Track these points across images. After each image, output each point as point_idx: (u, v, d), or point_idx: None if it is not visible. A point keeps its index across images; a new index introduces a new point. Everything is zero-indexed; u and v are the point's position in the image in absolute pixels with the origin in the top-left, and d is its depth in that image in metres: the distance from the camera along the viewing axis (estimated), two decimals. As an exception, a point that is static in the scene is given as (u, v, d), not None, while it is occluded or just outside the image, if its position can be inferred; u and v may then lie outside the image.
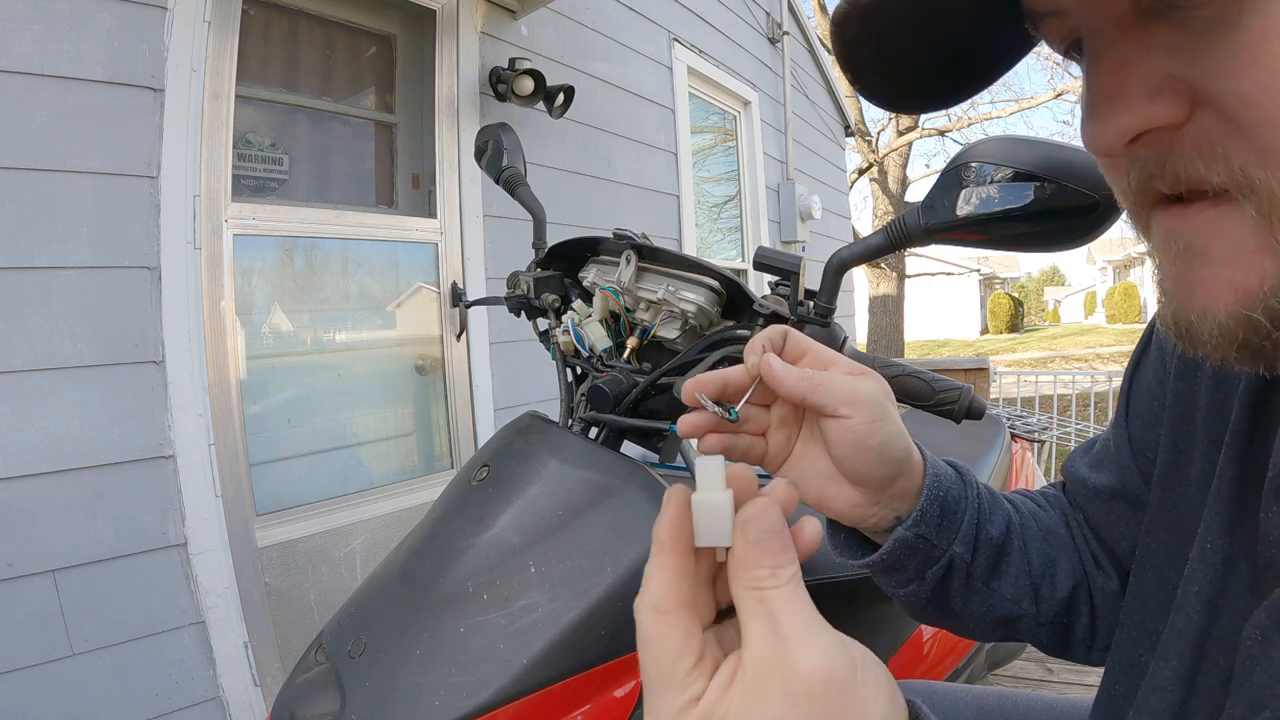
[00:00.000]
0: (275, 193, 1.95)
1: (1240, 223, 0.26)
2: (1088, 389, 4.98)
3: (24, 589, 1.34)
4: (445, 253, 2.27)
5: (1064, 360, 13.96)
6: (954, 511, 0.51)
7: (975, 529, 0.52)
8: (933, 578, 0.51)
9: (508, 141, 1.07)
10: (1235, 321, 0.27)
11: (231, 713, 1.59)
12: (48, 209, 1.39)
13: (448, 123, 2.28)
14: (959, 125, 10.73)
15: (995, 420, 1.77)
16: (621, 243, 0.84)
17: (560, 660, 0.65)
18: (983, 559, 0.52)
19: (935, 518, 0.49)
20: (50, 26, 1.40)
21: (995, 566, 0.53)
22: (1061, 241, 0.60)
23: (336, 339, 2.05)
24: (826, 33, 9.62)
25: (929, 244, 0.67)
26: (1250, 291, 0.26)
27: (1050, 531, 0.58)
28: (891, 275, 9.97)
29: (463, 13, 2.28)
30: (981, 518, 0.52)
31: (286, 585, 1.80)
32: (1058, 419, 4.24)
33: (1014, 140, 0.60)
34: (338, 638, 0.74)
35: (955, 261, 24.42)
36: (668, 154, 3.35)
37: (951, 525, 0.51)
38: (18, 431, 1.35)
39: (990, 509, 0.54)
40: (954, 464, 0.53)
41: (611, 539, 0.70)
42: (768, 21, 4.53)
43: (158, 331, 1.53)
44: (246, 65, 1.78)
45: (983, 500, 0.53)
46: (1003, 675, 2.08)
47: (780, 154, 4.60)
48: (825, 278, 0.70)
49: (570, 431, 0.82)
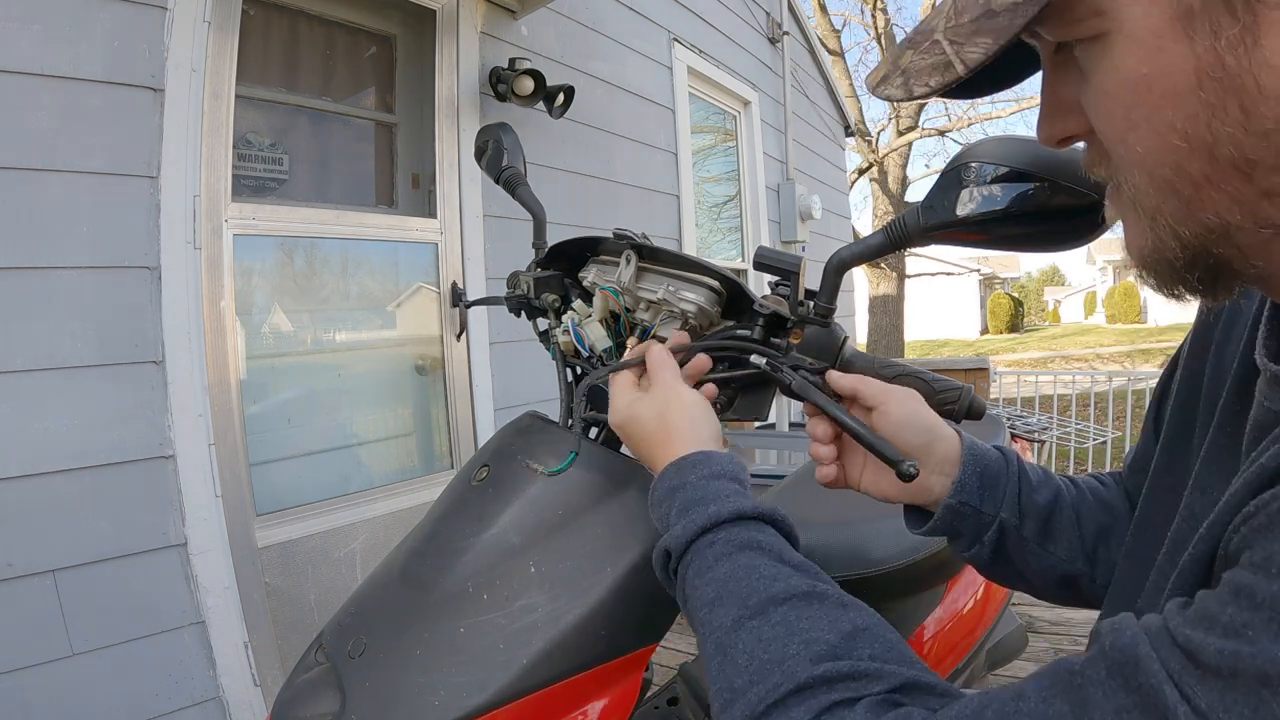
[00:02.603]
0: (275, 193, 1.95)
1: (1126, 206, 0.37)
2: (1088, 389, 4.98)
3: (24, 589, 1.34)
4: (445, 253, 2.27)
5: (1064, 360, 13.96)
6: (994, 482, 0.62)
7: (1019, 497, 0.62)
8: (990, 541, 0.62)
9: (508, 141, 1.07)
10: (1146, 264, 0.38)
11: (231, 713, 1.59)
12: (48, 209, 1.39)
13: (448, 123, 2.27)
14: (959, 125, 10.73)
15: (995, 420, 1.77)
16: (621, 243, 0.84)
17: (560, 660, 0.65)
18: (1031, 523, 0.62)
19: (975, 487, 0.61)
20: (50, 26, 1.40)
21: (1045, 529, 0.63)
22: (1061, 241, 0.60)
23: (336, 339, 2.05)
24: (826, 33, 9.58)
25: (929, 244, 0.67)
26: (1144, 248, 0.37)
27: (1108, 505, 0.65)
28: (891, 275, 9.97)
29: (463, 13, 2.28)
30: (1025, 487, 0.63)
31: (286, 585, 1.80)
32: (1058, 419, 4.23)
33: (1013, 140, 0.60)
34: (338, 638, 0.74)
35: (955, 261, 24.41)
36: (668, 154, 3.35)
37: (994, 494, 0.62)
38: (18, 431, 1.35)
39: (1038, 482, 0.64)
40: (1000, 447, 0.65)
41: (611, 539, 0.70)
42: (768, 21, 4.53)
43: (158, 331, 1.53)
44: (246, 65, 1.78)
45: (1026, 474, 0.64)
46: (1003, 675, 2.07)
47: (780, 154, 4.60)
48: (825, 278, 0.70)
49: (570, 431, 0.82)
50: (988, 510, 0.62)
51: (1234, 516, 0.32)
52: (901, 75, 0.38)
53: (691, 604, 0.50)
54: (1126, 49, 0.32)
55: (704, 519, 0.51)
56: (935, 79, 0.36)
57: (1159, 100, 0.32)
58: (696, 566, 0.50)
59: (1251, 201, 0.32)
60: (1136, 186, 0.35)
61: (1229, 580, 0.29)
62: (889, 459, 0.58)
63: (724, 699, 0.43)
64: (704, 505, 0.52)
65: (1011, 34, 0.32)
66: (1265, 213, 0.32)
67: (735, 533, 0.51)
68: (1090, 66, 0.34)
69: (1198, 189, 0.33)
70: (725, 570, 0.49)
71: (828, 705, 0.39)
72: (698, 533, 0.51)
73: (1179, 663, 0.28)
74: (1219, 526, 0.33)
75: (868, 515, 1.10)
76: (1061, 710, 0.30)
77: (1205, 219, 0.33)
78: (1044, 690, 0.32)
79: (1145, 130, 0.33)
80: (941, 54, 0.35)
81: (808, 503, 1.19)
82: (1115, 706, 0.29)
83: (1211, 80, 0.30)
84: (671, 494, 0.55)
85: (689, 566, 0.51)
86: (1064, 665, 0.32)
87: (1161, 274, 0.37)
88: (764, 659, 0.43)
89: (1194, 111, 0.31)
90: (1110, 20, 0.32)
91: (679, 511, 0.53)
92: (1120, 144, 0.35)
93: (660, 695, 1.25)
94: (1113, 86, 0.33)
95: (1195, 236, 0.34)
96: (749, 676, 0.42)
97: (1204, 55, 0.30)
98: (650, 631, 0.71)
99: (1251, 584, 0.27)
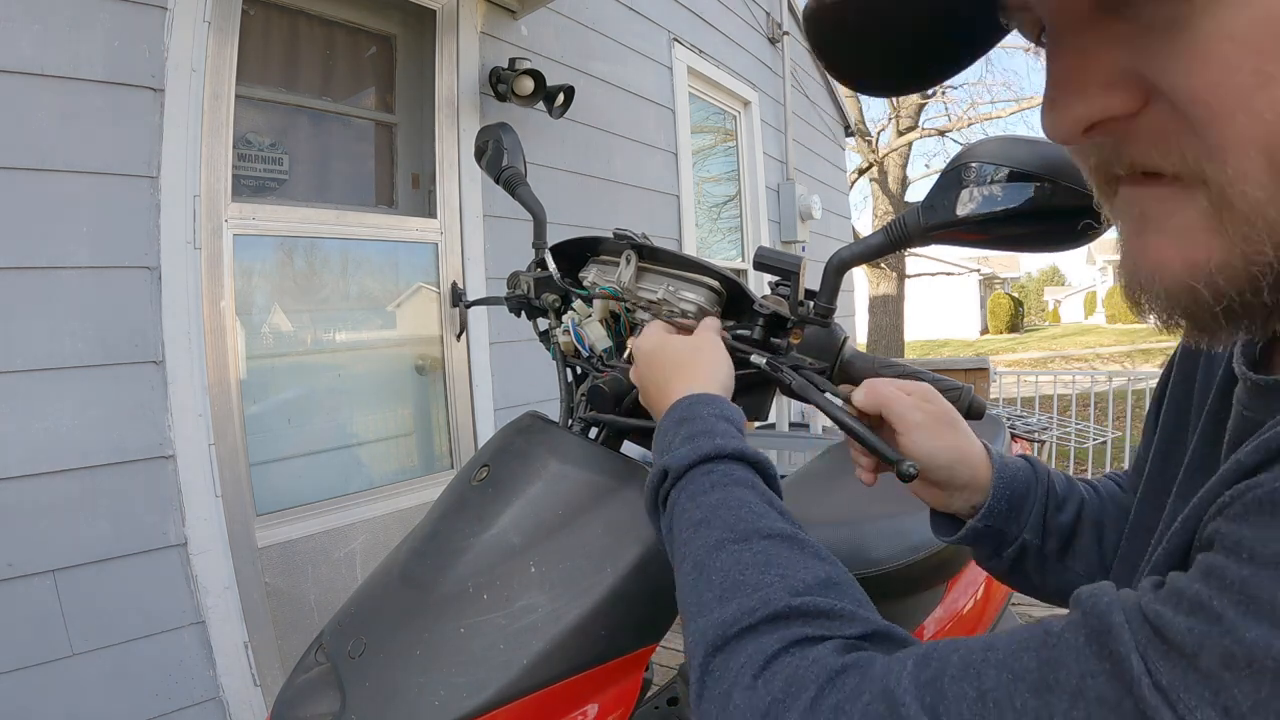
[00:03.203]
0: (275, 193, 1.95)
1: (1193, 207, 0.29)
2: (1088, 389, 4.98)
3: (24, 589, 1.34)
4: (445, 253, 2.27)
5: (1064, 360, 13.96)
6: (1022, 504, 0.62)
7: (1044, 517, 0.62)
8: (1008, 557, 0.62)
9: (508, 141, 1.07)
10: (1181, 289, 0.30)
11: (231, 713, 1.59)
12: (48, 209, 1.39)
13: (448, 123, 2.27)
14: (959, 125, 10.73)
15: (995, 420, 1.76)
16: (622, 243, 0.84)
17: (560, 660, 0.65)
18: (1053, 542, 0.62)
19: (1004, 511, 0.61)
20: (50, 26, 1.40)
21: (1066, 547, 0.62)
22: (1061, 241, 0.60)
23: (336, 339, 2.05)
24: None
25: (929, 244, 0.67)
26: (1198, 265, 0.29)
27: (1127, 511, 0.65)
28: (891, 275, 9.97)
29: (463, 13, 2.28)
30: (1051, 506, 0.63)
31: (286, 585, 1.80)
32: (1058, 419, 4.23)
33: (1013, 140, 0.60)
34: (338, 638, 0.74)
35: (955, 261, 24.39)
36: (668, 154, 3.35)
37: (1020, 515, 0.61)
38: (18, 431, 1.35)
39: (1063, 497, 0.64)
40: (1028, 458, 0.64)
41: (611, 539, 0.70)
42: (768, 21, 4.53)
43: (158, 331, 1.53)
44: (246, 65, 1.78)
45: (1054, 490, 0.63)
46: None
47: (780, 154, 4.60)
48: (825, 278, 0.70)
49: (570, 431, 0.82)
50: (1012, 531, 0.62)
51: (1208, 509, 0.31)
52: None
53: (677, 525, 0.51)
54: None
55: (709, 448, 0.53)
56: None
57: None
58: (690, 490, 0.52)
59: None
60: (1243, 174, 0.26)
61: (1200, 562, 0.28)
62: (888, 460, 0.58)
63: (692, 611, 0.44)
64: (710, 437, 0.54)
65: None
66: None
67: (733, 469, 0.52)
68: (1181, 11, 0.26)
69: None
70: (718, 497, 0.50)
71: (799, 638, 0.39)
72: (701, 458, 0.53)
73: (1146, 636, 0.27)
74: (1193, 520, 0.32)
75: (868, 515, 1.10)
76: (1029, 665, 0.30)
77: None
78: (1015, 645, 0.31)
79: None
80: None
81: (808, 503, 1.19)
82: (1082, 670, 0.28)
83: None
84: (679, 424, 0.57)
85: (683, 490, 0.52)
86: (1042, 625, 0.32)
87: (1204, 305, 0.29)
88: (739, 580, 0.43)
89: None
90: None
91: (685, 438, 0.55)
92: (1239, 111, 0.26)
93: (660, 695, 1.25)
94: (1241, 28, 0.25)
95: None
96: (720, 593, 0.43)
97: None
98: (650, 631, 0.71)
99: (1222, 566, 0.27)
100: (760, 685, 0.37)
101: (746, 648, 0.40)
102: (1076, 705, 0.28)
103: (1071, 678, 0.28)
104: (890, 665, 0.34)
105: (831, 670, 0.36)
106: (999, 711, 0.30)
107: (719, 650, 0.40)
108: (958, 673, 0.32)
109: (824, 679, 0.36)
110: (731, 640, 0.40)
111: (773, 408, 1.48)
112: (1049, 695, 0.29)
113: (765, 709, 0.36)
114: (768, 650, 0.39)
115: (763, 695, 0.37)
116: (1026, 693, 0.29)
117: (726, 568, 0.44)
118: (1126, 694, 0.27)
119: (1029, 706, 0.29)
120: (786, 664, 0.38)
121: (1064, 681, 0.28)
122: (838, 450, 1.45)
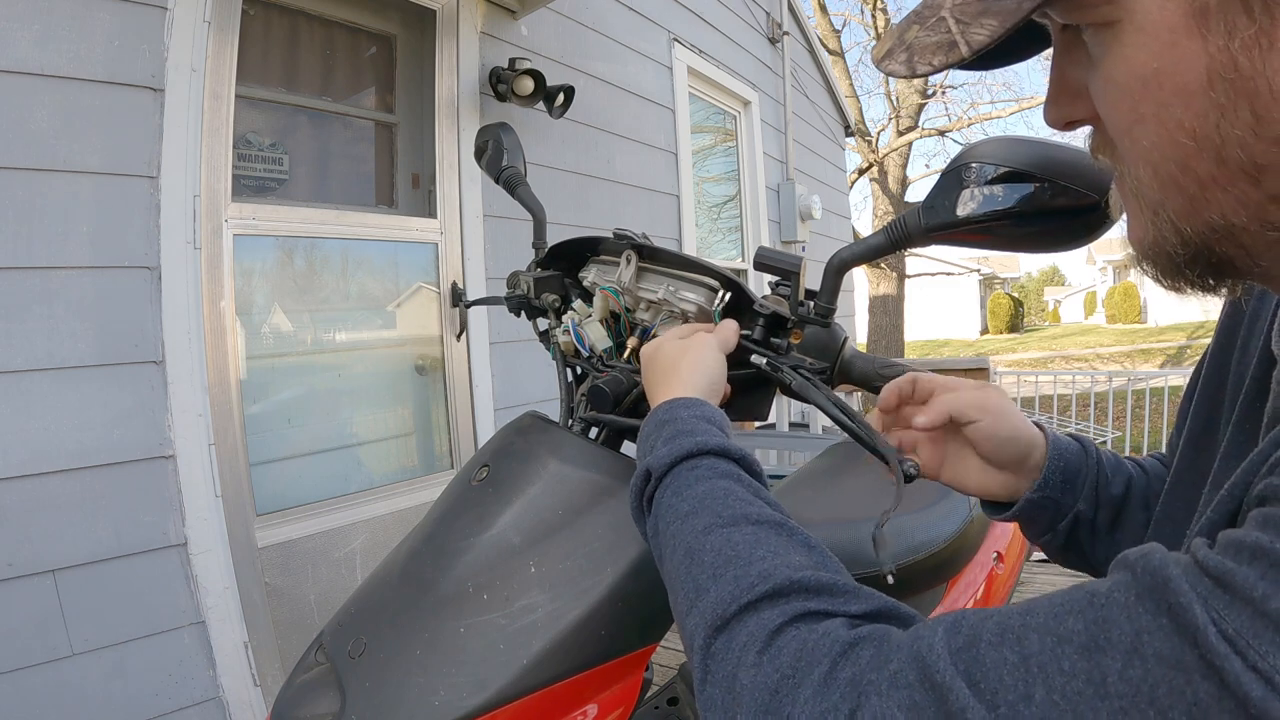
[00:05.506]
0: (275, 193, 1.95)
1: (1129, 196, 0.36)
2: (1088, 389, 4.98)
3: (24, 589, 1.34)
4: (445, 253, 2.27)
5: (1064, 360, 13.96)
6: (1075, 476, 0.63)
7: (1095, 489, 0.64)
8: (1064, 530, 0.63)
9: (508, 141, 1.07)
10: (1144, 258, 0.37)
11: (231, 713, 1.59)
12: (48, 209, 1.39)
13: (448, 123, 2.27)
14: (959, 125, 10.73)
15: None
16: (622, 243, 0.84)
17: (560, 660, 0.65)
18: (1104, 513, 0.63)
19: (1058, 483, 0.62)
20: (50, 26, 1.40)
21: (1116, 519, 0.64)
22: (1062, 242, 0.60)
23: (336, 339, 2.04)
24: (826, 33, 9.54)
25: (929, 244, 0.67)
26: (1143, 241, 0.36)
27: None
28: (891, 275, 9.97)
29: (463, 13, 2.28)
30: (1101, 479, 0.64)
31: (286, 585, 1.80)
32: (1058, 419, 4.23)
33: (1014, 141, 0.60)
34: (338, 638, 0.74)
35: (955, 261, 24.39)
36: (668, 154, 3.35)
37: (1074, 487, 0.63)
38: (18, 431, 1.35)
39: (1112, 472, 0.65)
40: (1077, 437, 0.66)
41: (611, 539, 0.70)
42: (768, 21, 4.53)
43: (158, 331, 1.53)
44: (246, 65, 1.78)
45: (1103, 465, 0.65)
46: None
47: (780, 154, 4.60)
48: (825, 278, 0.70)
49: (570, 431, 0.82)
50: (1066, 502, 0.63)
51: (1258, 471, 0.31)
52: (905, 51, 0.37)
53: (663, 522, 0.50)
54: (1137, 40, 0.31)
55: (691, 446, 0.53)
56: (939, 58, 0.35)
57: (1168, 96, 0.31)
58: (675, 487, 0.51)
59: (1258, 205, 0.31)
60: (1140, 179, 0.34)
61: (1255, 515, 0.28)
62: (888, 460, 0.58)
63: (690, 599, 0.43)
64: (691, 436, 0.54)
65: (1019, 17, 0.32)
66: (1272, 216, 0.31)
67: (717, 463, 0.52)
68: (1099, 54, 0.33)
69: (1203, 188, 0.32)
70: (703, 489, 0.49)
71: (803, 612, 0.38)
72: (683, 456, 0.53)
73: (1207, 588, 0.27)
74: (1240, 486, 0.33)
75: (868, 515, 1.10)
76: (1074, 627, 0.29)
77: (1209, 218, 0.33)
78: (1057, 608, 0.30)
79: (1152, 125, 0.32)
80: (947, 32, 0.35)
81: (808, 503, 1.19)
82: (1137, 628, 0.27)
83: (1223, 81, 0.29)
84: (660, 426, 0.57)
85: (667, 488, 0.52)
86: (1084, 587, 0.31)
87: (1162, 266, 0.36)
88: (732, 555, 0.43)
89: (1203, 111, 0.30)
90: (1122, 9, 0.31)
91: (666, 440, 0.55)
92: (1125, 136, 0.34)
93: (660, 695, 1.25)
94: (1120, 77, 0.32)
95: (1198, 234, 0.34)
96: (714, 571, 0.42)
97: (1217, 55, 0.29)
98: (650, 631, 0.71)
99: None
100: (766, 662, 0.36)
101: (748, 625, 0.38)
102: (1131, 663, 0.27)
103: (1125, 636, 0.27)
104: (919, 632, 0.33)
105: (844, 643, 0.35)
106: (1044, 676, 0.29)
107: (720, 631, 0.39)
108: (994, 639, 0.31)
109: (837, 652, 0.34)
110: (732, 619, 0.39)
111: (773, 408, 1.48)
112: (1100, 656, 0.28)
113: (775, 686, 0.35)
114: (770, 625, 0.37)
115: (770, 673, 0.35)
116: (1075, 654, 0.28)
117: (719, 547, 0.44)
118: (1190, 646, 0.26)
119: (1078, 669, 0.28)
120: (793, 638, 0.36)
121: (1117, 640, 0.28)
122: (838, 450, 1.45)
